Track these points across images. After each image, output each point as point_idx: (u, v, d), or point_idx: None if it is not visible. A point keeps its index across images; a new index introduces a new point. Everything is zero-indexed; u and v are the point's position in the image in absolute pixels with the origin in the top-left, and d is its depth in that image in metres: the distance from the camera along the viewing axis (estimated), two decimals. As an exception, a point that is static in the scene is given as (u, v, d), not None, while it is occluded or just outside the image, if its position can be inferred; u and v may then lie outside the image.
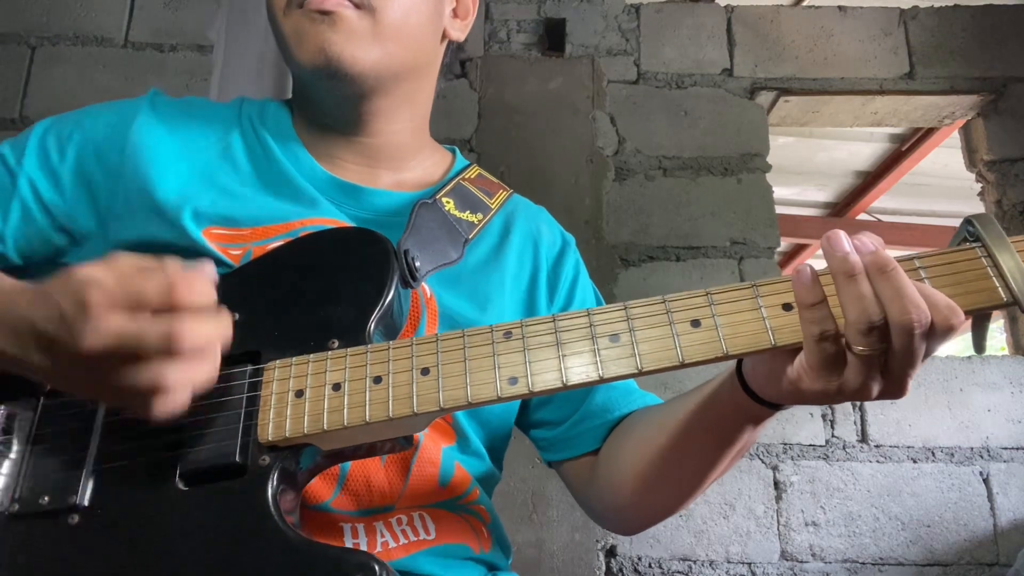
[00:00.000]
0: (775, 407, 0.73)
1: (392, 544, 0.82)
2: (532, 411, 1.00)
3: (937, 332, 0.60)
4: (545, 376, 0.66)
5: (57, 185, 0.89)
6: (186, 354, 0.63)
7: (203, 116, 0.97)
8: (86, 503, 0.69)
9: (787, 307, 0.64)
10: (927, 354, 0.61)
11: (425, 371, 0.68)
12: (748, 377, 0.72)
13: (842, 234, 0.62)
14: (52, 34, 2.46)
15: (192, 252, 0.84)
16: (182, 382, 0.64)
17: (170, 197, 0.87)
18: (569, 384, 0.66)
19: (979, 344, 0.66)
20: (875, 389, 0.63)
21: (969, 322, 0.66)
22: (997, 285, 0.61)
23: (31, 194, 0.89)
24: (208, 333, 0.65)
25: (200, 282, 0.64)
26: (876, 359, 0.61)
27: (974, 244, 0.64)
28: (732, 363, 0.74)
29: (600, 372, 0.65)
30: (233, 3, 1.97)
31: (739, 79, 2.59)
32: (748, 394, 0.72)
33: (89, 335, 0.61)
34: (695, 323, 0.65)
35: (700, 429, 0.81)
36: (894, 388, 0.63)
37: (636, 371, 0.65)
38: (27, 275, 0.90)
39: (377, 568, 0.62)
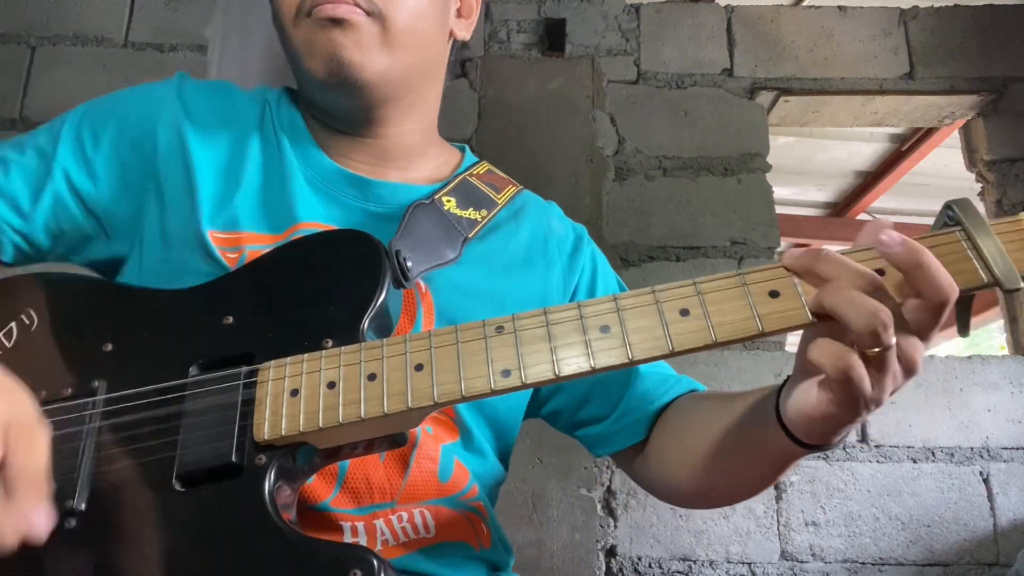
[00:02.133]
0: (823, 447, 0.72)
1: (392, 542, 0.82)
2: (571, 414, 1.01)
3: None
4: (537, 368, 0.67)
5: (91, 174, 0.91)
6: None
7: (229, 111, 0.97)
8: (83, 507, 0.69)
9: (773, 294, 0.65)
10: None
11: (419, 367, 0.68)
12: (792, 427, 0.71)
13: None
14: (52, 34, 2.46)
15: (203, 251, 0.86)
16: None
17: (195, 195, 0.89)
18: (561, 375, 0.66)
19: (963, 327, 0.68)
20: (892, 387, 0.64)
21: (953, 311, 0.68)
22: (977, 267, 0.64)
23: (65, 184, 0.90)
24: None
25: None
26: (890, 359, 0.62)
27: (954, 228, 0.66)
28: (771, 411, 0.73)
29: (592, 363, 0.66)
30: (230, 1, 1.96)
31: (739, 79, 2.59)
32: (797, 443, 0.72)
33: None
34: (684, 312, 0.66)
35: (747, 465, 0.82)
36: (908, 372, 0.64)
37: (627, 360, 0.66)
38: (53, 257, 0.93)
39: (375, 563, 0.62)
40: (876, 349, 0.61)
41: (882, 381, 0.63)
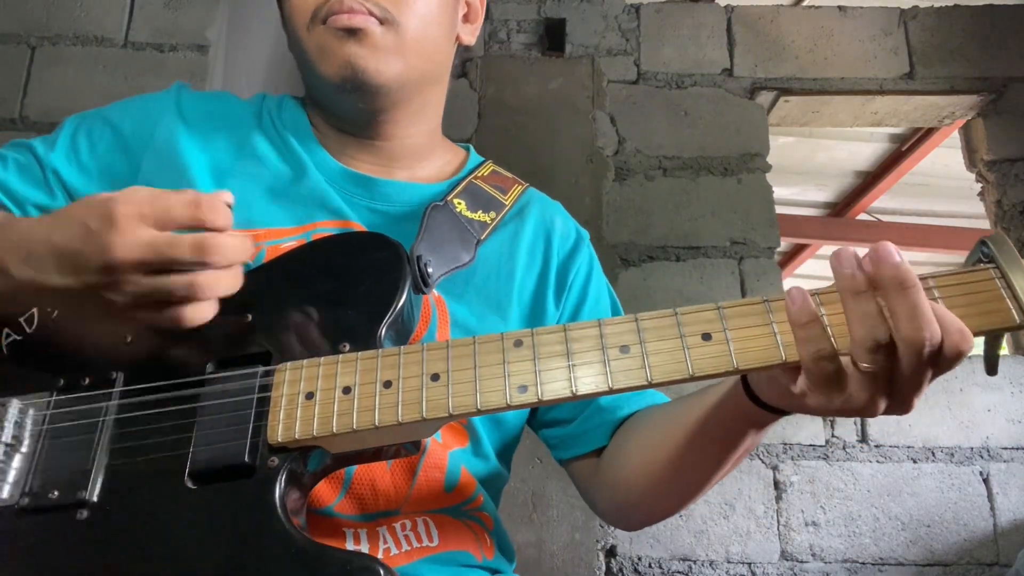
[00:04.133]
0: (780, 412, 0.72)
1: (394, 551, 0.82)
2: (543, 411, 1.01)
3: (947, 356, 0.59)
4: (555, 385, 0.66)
5: (83, 173, 0.92)
6: (215, 261, 0.67)
7: (227, 114, 0.98)
8: (95, 499, 0.69)
9: None
10: (935, 376, 0.61)
11: (435, 377, 0.68)
12: (753, 384, 0.72)
13: (851, 251, 0.62)
14: (52, 34, 2.45)
15: None
16: (212, 286, 0.67)
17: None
18: (579, 394, 0.65)
19: (991, 366, 0.66)
20: (881, 406, 0.62)
21: (981, 344, 0.66)
22: (1011, 307, 0.61)
23: (58, 182, 0.91)
24: (232, 243, 0.68)
25: (221, 204, 0.68)
26: (882, 377, 0.61)
27: (988, 265, 0.63)
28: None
29: (610, 383, 0.65)
30: (233, 2, 1.96)
31: (739, 79, 2.60)
32: (753, 400, 0.72)
33: (120, 244, 0.64)
34: (706, 336, 0.65)
35: (705, 434, 0.82)
36: (899, 406, 0.62)
37: (646, 383, 0.65)
38: None
39: (383, 572, 0.62)
40: (867, 366, 0.60)
41: (867, 393, 0.61)
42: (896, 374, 0.60)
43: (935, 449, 2.20)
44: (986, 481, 2.18)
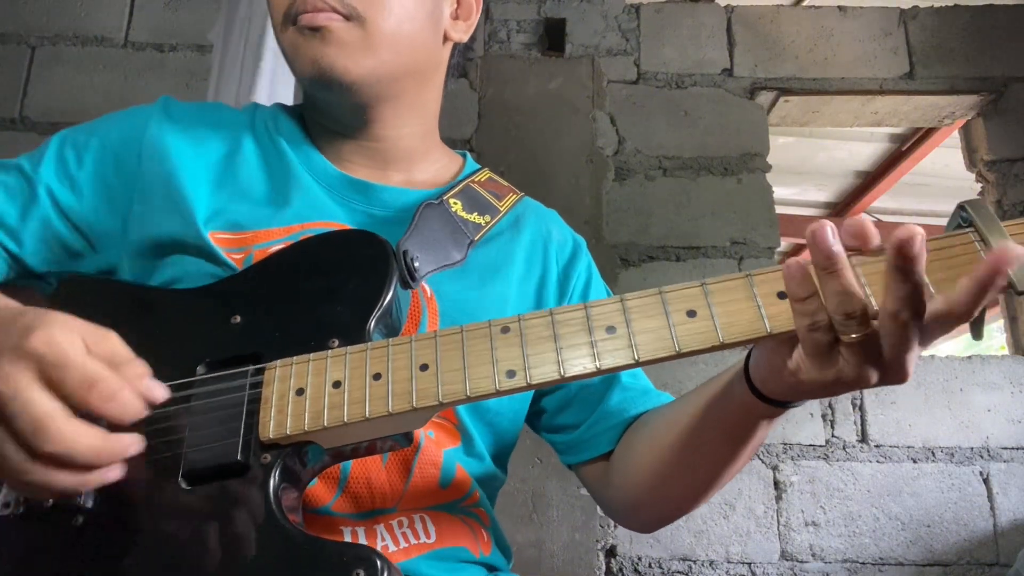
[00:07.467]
0: (782, 405, 0.72)
1: (392, 548, 0.82)
2: (551, 416, 1.01)
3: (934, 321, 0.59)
4: (543, 368, 0.66)
5: (75, 190, 0.91)
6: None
7: (216, 121, 0.98)
8: (90, 504, 0.69)
9: (781, 295, 0.64)
10: (927, 336, 0.61)
11: (424, 367, 0.68)
12: (753, 375, 0.72)
13: (828, 227, 0.62)
14: (52, 34, 2.46)
15: (203, 254, 0.86)
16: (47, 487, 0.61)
17: (183, 200, 0.88)
18: (567, 376, 0.66)
19: (977, 331, 0.66)
20: (874, 376, 0.62)
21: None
22: None
23: (50, 201, 0.90)
24: (97, 445, 0.61)
25: (123, 396, 0.62)
26: (869, 346, 0.61)
27: (967, 229, 0.64)
28: (740, 362, 0.74)
29: (597, 363, 0.66)
30: (231, 4, 1.96)
31: (739, 79, 2.60)
32: (754, 392, 0.72)
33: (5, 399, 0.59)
34: (691, 313, 0.65)
35: (710, 427, 0.81)
36: (894, 373, 0.62)
37: (633, 361, 0.65)
38: (44, 280, 0.93)
39: (378, 562, 0.62)
40: (854, 336, 0.60)
41: (855, 363, 0.61)
42: (881, 339, 0.60)
43: (935, 449, 2.20)
44: (986, 481, 2.17)
